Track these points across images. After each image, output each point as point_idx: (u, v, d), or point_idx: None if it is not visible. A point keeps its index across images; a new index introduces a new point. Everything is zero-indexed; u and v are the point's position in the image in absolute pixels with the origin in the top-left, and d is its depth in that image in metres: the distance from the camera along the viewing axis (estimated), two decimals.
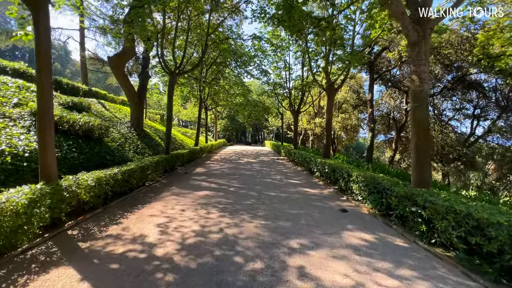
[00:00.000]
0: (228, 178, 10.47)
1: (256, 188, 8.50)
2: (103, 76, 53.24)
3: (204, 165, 14.75)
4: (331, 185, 9.24)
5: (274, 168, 14.34)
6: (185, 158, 13.98)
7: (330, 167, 8.89)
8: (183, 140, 22.26)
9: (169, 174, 11.10)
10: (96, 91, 19.75)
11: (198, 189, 8.24)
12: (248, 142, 72.28)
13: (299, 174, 12.19)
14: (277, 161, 18.13)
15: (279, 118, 42.88)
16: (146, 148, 12.30)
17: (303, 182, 10.08)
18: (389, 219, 5.27)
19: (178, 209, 6.01)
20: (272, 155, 24.27)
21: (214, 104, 26.97)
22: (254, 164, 15.75)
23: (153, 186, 8.53)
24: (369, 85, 15.75)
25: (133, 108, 13.66)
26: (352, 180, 6.97)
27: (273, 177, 10.96)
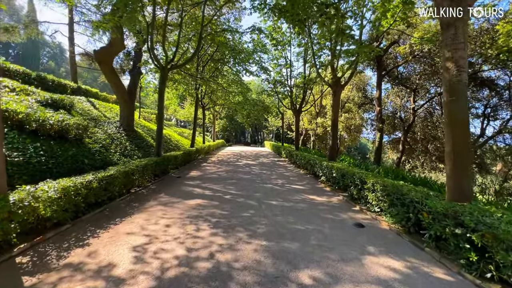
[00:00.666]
0: (225, 183, 9.53)
1: (255, 196, 7.56)
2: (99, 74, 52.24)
3: (199, 167, 13.80)
4: (339, 192, 8.31)
5: (275, 171, 13.41)
6: (179, 161, 13.04)
7: (338, 171, 7.96)
8: (178, 141, 21.31)
9: (161, 178, 10.16)
10: (87, 89, 18.80)
11: (189, 197, 7.29)
12: (247, 143, 71.35)
13: (302, 178, 11.26)
14: (277, 163, 17.20)
15: (279, 117, 41.94)
16: (136, 149, 11.35)
17: (308, 187, 9.14)
18: (419, 238, 4.34)
19: (163, 224, 5.07)
20: (272, 156, 23.34)
21: (211, 103, 26.03)
22: (254, 167, 14.81)
23: (139, 194, 7.58)
24: (377, 82, 14.85)
25: (122, 107, 12.71)
26: (367, 188, 6.05)
27: (274, 182, 10.02)
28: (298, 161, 14.44)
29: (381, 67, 14.71)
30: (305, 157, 12.63)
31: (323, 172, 9.62)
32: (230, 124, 59.62)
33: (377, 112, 14.53)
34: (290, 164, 16.75)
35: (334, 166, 8.41)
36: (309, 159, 11.73)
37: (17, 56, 51.52)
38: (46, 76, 13.82)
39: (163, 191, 8.06)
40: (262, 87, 24.64)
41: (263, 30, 14.51)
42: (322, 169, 9.77)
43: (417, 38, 9.52)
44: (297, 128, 18.82)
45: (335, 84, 10.55)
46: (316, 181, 10.43)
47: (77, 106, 12.44)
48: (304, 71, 17.77)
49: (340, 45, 9.51)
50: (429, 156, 18.72)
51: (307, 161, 12.18)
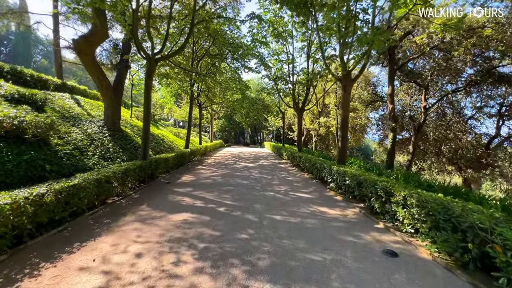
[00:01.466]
0: (220, 190, 8.32)
1: (255, 208, 6.36)
2: None
3: (193, 171, 12.59)
4: (353, 202, 7.13)
5: (277, 175, 12.21)
6: (171, 163, 11.84)
7: (353, 179, 6.77)
8: (173, 142, 20.09)
9: (147, 184, 8.96)
10: (73, 85, 17.54)
11: (176, 209, 6.09)
12: (246, 143, 70.17)
13: (307, 184, 10.07)
14: (279, 166, 16.01)
15: (279, 117, 40.75)
16: (121, 152, 10.13)
17: (315, 196, 7.95)
18: (483, 279, 3.16)
19: (133, 252, 3.87)
20: (272, 158, 22.16)
21: (208, 102, 24.84)
22: (253, 170, 13.62)
23: (116, 205, 6.38)
24: (389, 77, 13.66)
25: (107, 104, 11.50)
26: (394, 202, 4.87)
27: (276, 189, 8.83)
28: (302, 164, 13.26)
29: (393, 60, 13.55)
30: (310, 160, 11.44)
31: (333, 178, 8.44)
32: (229, 124, 58.44)
33: (389, 110, 13.36)
34: (293, 167, 15.57)
35: (348, 172, 7.22)
36: (315, 162, 10.55)
37: (8, 55, 50.23)
38: (23, 70, 12.59)
39: (146, 201, 6.85)
40: (262, 86, 23.48)
41: (263, 18, 13.31)
42: (331, 174, 8.58)
43: (440, 25, 8.35)
44: (300, 128, 17.64)
45: (345, 78, 9.38)
46: (324, 187, 9.24)
47: (56, 103, 11.24)
48: (308, 67, 16.61)
49: (352, 33, 8.34)
50: (442, 158, 17.57)
51: (312, 165, 10.99)
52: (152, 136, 16.47)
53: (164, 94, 20.65)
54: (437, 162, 18.29)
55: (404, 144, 26.25)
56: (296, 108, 17.24)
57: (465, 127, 16.94)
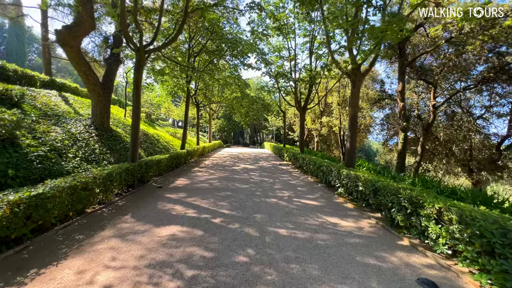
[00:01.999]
0: (216, 197, 7.50)
1: (255, 219, 5.54)
2: None
3: (189, 174, 11.77)
4: (367, 211, 6.33)
5: (278, 178, 11.40)
6: (164, 166, 11.02)
7: (368, 184, 5.95)
8: (169, 142, 19.27)
9: (137, 189, 8.15)
10: (64, 83, 16.72)
11: (164, 221, 5.27)
12: (245, 144, 69.46)
13: (312, 188, 9.26)
14: (280, 168, 15.20)
15: (280, 117, 39.91)
16: (108, 153, 9.30)
17: (323, 203, 7.14)
18: None
19: (101, 283, 3.05)
20: (273, 159, 21.34)
21: (206, 101, 24.01)
22: (253, 172, 12.80)
23: (95, 216, 5.55)
24: (399, 72, 12.86)
25: (94, 101, 10.66)
26: (424, 216, 4.05)
27: (279, 195, 8.01)
28: (305, 166, 12.44)
29: (403, 55, 12.75)
30: (315, 162, 10.63)
31: (342, 182, 7.63)
32: (228, 124, 57.61)
33: (400, 108, 12.55)
34: (295, 169, 14.75)
35: (360, 177, 6.40)
36: (321, 165, 9.73)
37: (3, 52, 49.25)
38: (6, 64, 11.75)
39: (132, 210, 6.03)
40: (261, 85, 22.68)
41: (264, 9, 12.49)
42: (340, 179, 7.77)
43: (460, 13, 7.55)
44: (302, 127, 16.82)
45: (355, 72, 8.58)
46: (331, 193, 8.43)
47: (39, 101, 10.41)
48: (310, 63, 15.81)
49: (364, 21, 7.54)
50: (452, 160, 16.78)
51: (318, 167, 10.17)
52: (146, 136, 15.64)
53: (159, 92, 19.80)
54: (448, 164, 17.51)
55: (408, 144, 25.50)
56: (299, 107, 16.44)
57: (476, 127, 16.15)
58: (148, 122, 28.96)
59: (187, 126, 16.40)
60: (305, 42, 16.64)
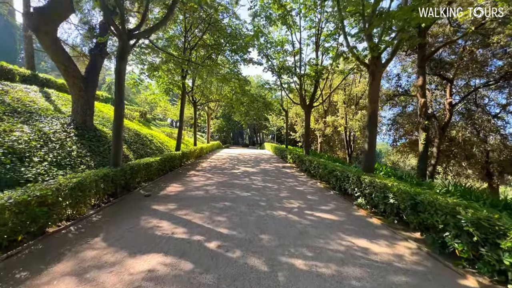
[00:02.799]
0: (212, 209, 6.31)
1: (262, 243, 4.36)
2: None
3: (184, 178, 10.58)
4: (399, 228, 5.15)
5: (284, 183, 10.22)
6: (155, 169, 9.84)
7: (404, 197, 4.76)
8: (164, 143, 18.08)
9: (120, 198, 6.99)
10: (48, 78, 15.53)
11: (143, 247, 4.09)
12: (245, 144, 68.31)
13: (324, 196, 8.08)
14: (284, 171, 14.02)
15: (281, 116, 38.70)
16: (88, 156, 8.10)
17: (343, 217, 5.96)
18: None
19: None
20: (275, 161, 20.16)
21: (204, 99, 22.82)
22: (255, 177, 11.61)
23: (58, 237, 4.38)
24: (419, 65, 11.66)
25: (75, 97, 9.47)
26: (508, 250, 2.88)
27: (287, 205, 6.83)
28: (313, 169, 11.26)
29: (423, 45, 11.59)
30: (325, 166, 9.45)
31: (363, 191, 6.45)
32: (227, 125, 56.47)
33: (420, 105, 11.34)
34: (300, 172, 13.57)
35: (391, 187, 5.21)
36: (334, 170, 8.56)
37: None
38: None
39: (106, 228, 4.85)
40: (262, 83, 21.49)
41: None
42: (360, 187, 6.60)
43: None
44: (308, 127, 15.63)
45: (374, 62, 7.42)
46: (348, 203, 7.25)
47: (11, 96, 9.20)
48: (316, 57, 14.67)
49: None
50: (474, 162, 15.64)
51: (329, 172, 9.00)
52: (138, 136, 14.45)
53: (153, 89, 18.60)
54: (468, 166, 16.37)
55: (415, 145, 24.36)
56: (304, 105, 15.27)
57: (496, 128, 15.03)
58: (142, 122, 27.74)
59: (183, 126, 15.20)
60: (310, 35, 15.50)
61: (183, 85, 14.53)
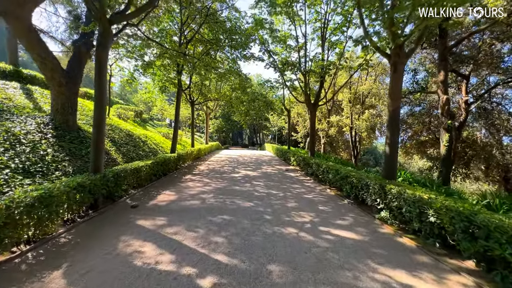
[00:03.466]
0: (208, 224, 5.31)
1: (271, 279, 3.37)
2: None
3: (178, 184, 9.58)
4: (442, 254, 4.16)
5: (289, 189, 9.22)
6: (145, 174, 8.83)
7: (454, 216, 3.76)
8: (159, 144, 17.05)
9: (102, 210, 6.00)
10: (34, 75, 14.52)
11: (115, 284, 3.08)
12: (244, 145, 67.32)
13: (338, 206, 7.09)
14: (288, 175, 13.02)
15: (283, 116, 37.67)
16: (66, 160, 7.10)
17: (367, 236, 4.96)
18: None
19: None
20: (277, 163, 19.16)
21: (202, 98, 21.81)
22: (257, 182, 10.61)
23: (6, 272, 3.38)
24: (440, 58, 10.62)
25: (55, 93, 8.46)
26: None
27: (297, 219, 5.83)
28: (321, 174, 10.27)
29: (445, 36, 10.55)
30: (337, 171, 8.47)
31: (389, 204, 5.46)
32: (226, 125, 55.46)
33: (442, 102, 10.28)
34: (306, 176, 12.58)
35: (432, 202, 4.22)
36: (348, 175, 7.57)
37: None
38: None
39: (73, 255, 3.86)
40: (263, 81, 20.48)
41: None
42: (384, 198, 5.61)
43: None
44: (313, 127, 14.61)
45: (397, 52, 6.43)
46: (368, 215, 6.25)
47: None
48: (323, 51, 13.69)
49: None
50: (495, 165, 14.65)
51: (342, 178, 8.00)
52: (129, 137, 13.43)
53: (149, 87, 17.60)
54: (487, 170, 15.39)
55: (424, 146, 23.41)
56: (308, 104, 14.28)
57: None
58: (138, 122, 26.72)
59: (181, 126, 14.21)
60: (315, 28, 14.51)
61: (179, 81, 13.51)
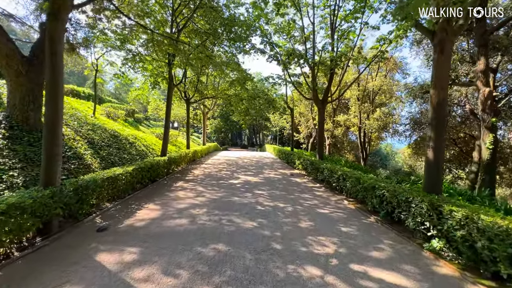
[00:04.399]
0: (195, 263, 3.83)
1: None
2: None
3: (166, 194, 8.09)
4: None
5: (299, 201, 7.74)
6: (125, 184, 7.35)
7: None
8: (150, 146, 15.54)
9: (57, 235, 4.53)
10: None
11: None
12: (244, 146, 65.75)
13: (365, 226, 5.61)
14: (294, 181, 11.55)
15: (284, 116, 36.15)
16: (19, 168, 5.61)
17: (418, 278, 3.49)
18: None
19: None
20: (279, 166, 17.67)
21: (199, 95, 20.29)
22: (259, 191, 9.13)
23: None
24: (479, 44, 9.07)
25: (12, 85, 6.96)
26: None
27: (318, 251, 4.34)
28: (335, 182, 8.79)
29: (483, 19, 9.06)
30: (358, 180, 6.99)
31: (447, 232, 3.98)
32: (225, 125, 53.94)
33: (483, 96, 8.67)
34: (315, 183, 11.09)
35: None
36: (375, 186, 6.08)
37: None
38: None
39: None
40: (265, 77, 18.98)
41: None
42: (437, 222, 4.13)
43: None
44: (322, 127, 13.11)
45: (443, 28, 4.97)
46: (409, 242, 4.76)
47: None
48: (332, 40, 12.22)
49: None
50: None
51: (366, 189, 6.51)
52: (115, 138, 11.94)
53: (141, 85, 16.11)
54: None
55: None
56: (316, 100, 12.81)
57: None
58: (130, 122, 25.20)
59: (176, 126, 12.70)
60: (324, 16, 13.04)
61: (170, 74, 11.98)
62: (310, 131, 33.39)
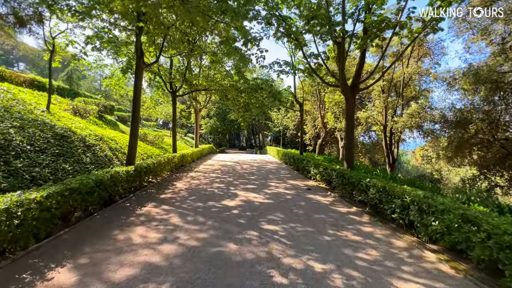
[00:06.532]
0: None
1: None
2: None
3: (112, 237, 4.74)
4: None
5: (343, 250, 4.43)
6: (24, 228, 3.98)
7: None
8: (120, 149, 12.15)
9: None
10: None
11: None
12: (242, 147, 62.23)
13: None
14: (316, 201, 8.24)
15: (288, 114, 32.82)
16: None
17: None
18: None
19: None
20: (288, 174, 14.33)
21: (187, 87, 16.92)
22: (268, 224, 5.80)
23: None
24: None
25: None
26: None
27: None
28: (399, 211, 5.47)
29: None
30: (463, 215, 3.67)
31: None
32: (222, 125, 50.45)
33: None
34: (351, 206, 7.79)
35: None
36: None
37: None
38: None
39: None
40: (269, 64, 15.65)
41: None
42: None
43: None
44: (351, 124, 9.66)
45: None
46: None
47: None
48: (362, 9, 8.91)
49: None
50: None
51: (503, 244, 3.21)
52: (61, 140, 8.58)
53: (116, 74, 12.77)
54: None
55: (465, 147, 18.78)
56: (345, 87, 9.46)
57: None
58: (108, 120, 21.77)
59: (138, 120, 9.29)
60: None
61: (137, 46, 8.49)
62: (317, 132, 30.06)
